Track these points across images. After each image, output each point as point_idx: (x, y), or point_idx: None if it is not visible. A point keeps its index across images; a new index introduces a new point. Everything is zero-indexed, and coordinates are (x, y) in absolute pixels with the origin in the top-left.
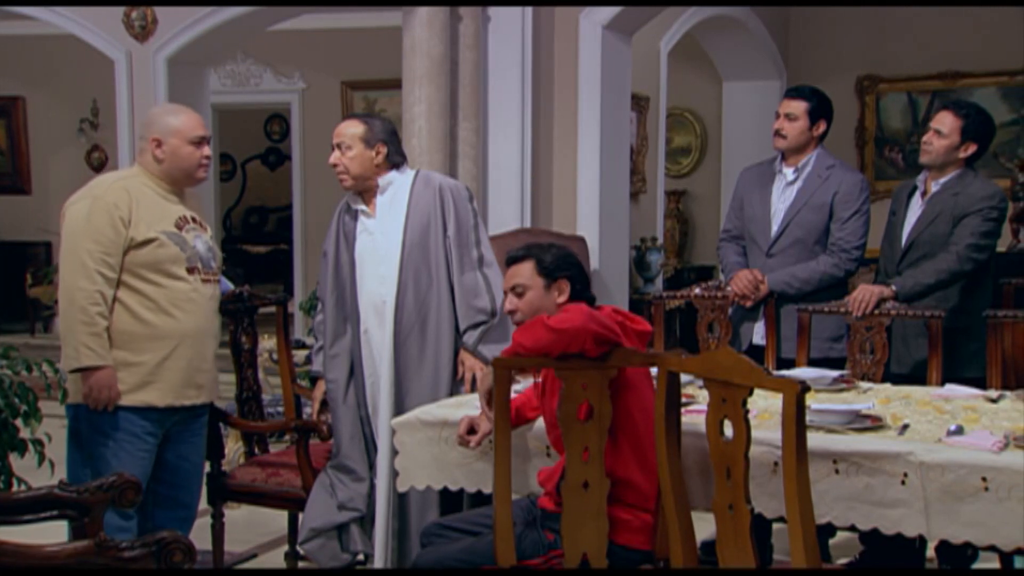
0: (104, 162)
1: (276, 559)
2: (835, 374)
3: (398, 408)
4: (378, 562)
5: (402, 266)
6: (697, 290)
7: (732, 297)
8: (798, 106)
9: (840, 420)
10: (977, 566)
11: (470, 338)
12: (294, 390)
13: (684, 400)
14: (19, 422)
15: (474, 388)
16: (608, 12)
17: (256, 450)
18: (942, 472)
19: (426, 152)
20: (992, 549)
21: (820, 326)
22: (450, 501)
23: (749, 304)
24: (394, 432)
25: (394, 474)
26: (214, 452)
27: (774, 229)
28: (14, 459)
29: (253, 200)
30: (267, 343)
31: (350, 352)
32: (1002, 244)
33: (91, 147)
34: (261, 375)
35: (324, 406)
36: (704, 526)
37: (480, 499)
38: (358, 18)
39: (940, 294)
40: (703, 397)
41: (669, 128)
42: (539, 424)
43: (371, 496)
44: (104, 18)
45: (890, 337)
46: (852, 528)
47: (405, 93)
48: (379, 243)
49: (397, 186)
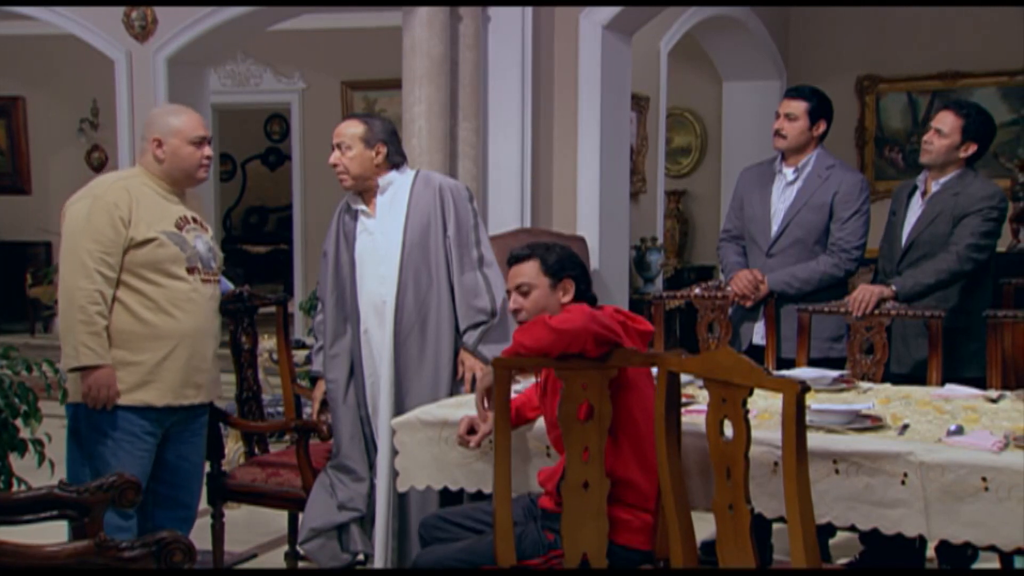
0: (104, 162)
1: (276, 559)
2: (835, 374)
3: (398, 408)
4: (378, 562)
5: (402, 266)
6: (697, 290)
7: (732, 297)
8: (798, 106)
9: (840, 420)
10: (977, 566)
11: (470, 338)
12: (294, 390)
13: (684, 400)
14: (19, 422)
15: (474, 388)
16: (608, 12)
17: (256, 450)
18: (942, 472)
19: (426, 152)
20: (992, 549)
21: (820, 326)
22: (450, 501)
23: (749, 304)
24: (394, 432)
25: (394, 474)
26: (214, 452)
27: (774, 229)
28: (14, 459)
29: (253, 200)
30: (267, 343)
31: (350, 352)
32: (1002, 244)
33: (91, 147)
34: (261, 375)
35: (324, 406)
36: (704, 526)
37: (480, 499)
38: (358, 18)
39: (940, 294)
40: (703, 397)
41: (669, 128)
42: (539, 424)
43: (371, 496)
44: (104, 18)
45: (890, 337)
46: (852, 528)
47: (405, 93)
48: (379, 243)
49: (397, 186)
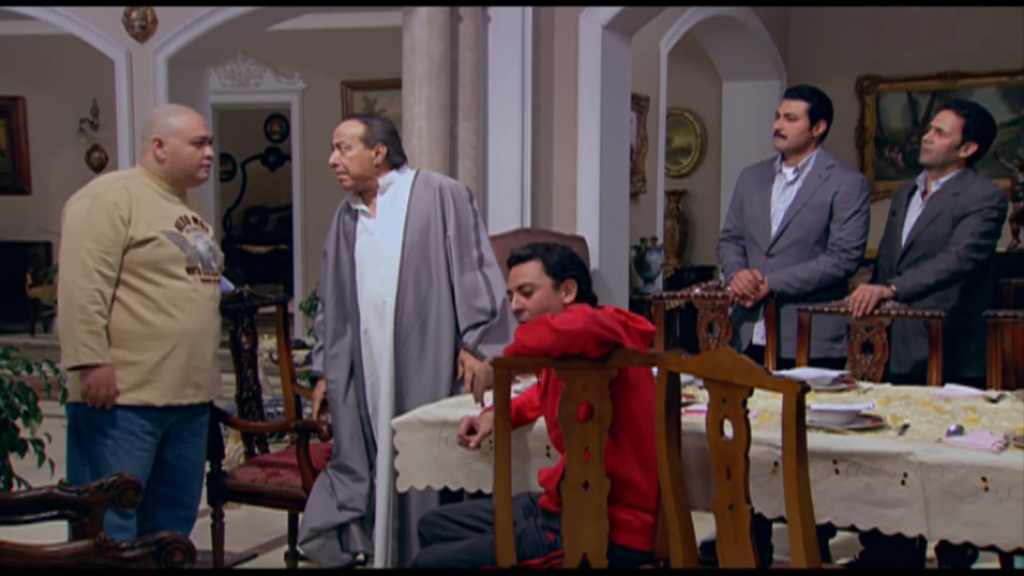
0: (104, 162)
1: (276, 559)
2: (835, 374)
3: (398, 408)
4: (378, 562)
5: (402, 266)
6: (697, 290)
7: (732, 297)
8: (798, 106)
9: (840, 420)
10: (977, 566)
11: (470, 338)
12: (294, 390)
13: (684, 400)
14: (19, 422)
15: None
16: (608, 12)
17: (256, 450)
18: (942, 472)
19: (426, 152)
20: (992, 549)
21: (820, 326)
22: (450, 501)
23: (749, 304)
24: (394, 432)
25: (394, 474)
26: (214, 452)
27: (774, 229)
28: (14, 459)
29: (253, 200)
30: (267, 343)
31: (350, 352)
32: (1002, 244)
33: (91, 147)
34: (261, 375)
35: (324, 406)
36: (704, 526)
37: (480, 499)
38: (358, 18)
39: (940, 294)
40: (703, 397)
41: (669, 128)
42: (539, 424)
43: (371, 496)
44: (104, 18)
45: (890, 337)
46: (852, 528)
47: (405, 93)
48: (379, 243)
49: (397, 186)
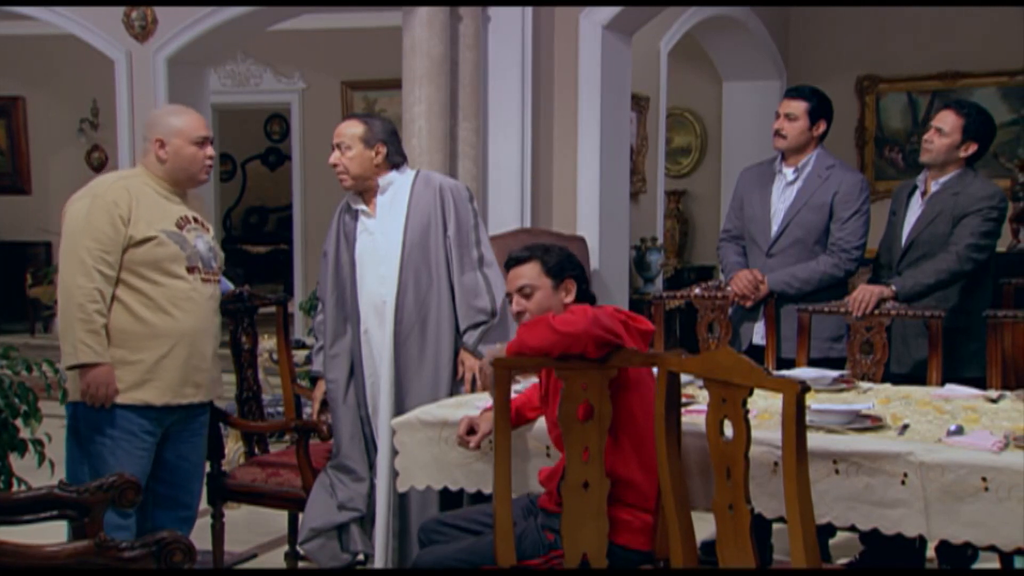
0: (104, 162)
1: (276, 559)
2: (835, 374)
3: (398, 408)
4: (378, 562)
5: (402, 266)
6: (697, 290)
7: (732, 297)
8: (798, 106)
9: (840, 420)
10: (977, 566)
11: (470, 338)
12: (294, 390)
13: (684, 400)
14: (19, 422)
15: (474, 388)
16: (608, 12)
17: (256, 450)
18: (942, 472)
19: (426, 152)
20: (992, 549)
21: (820, 326)
22: (450, 501)
23: (749, 304)
24: (394, 432)
25: (394, 474)
26: (214, 452)
27: (774, 229)
28: (14, 459)
29: (253, 200)
30: (267, 343)
31: (350, 352)
32: (1002, 244)
33: (91, 147)
34: (261, 375)
35: (324, 406)
36: (704, 526)
37: (480, 499)
38: (358, 18)
39: (940, 294)
40: (703, 397)
41: (669, 128)
42: (539, 424)
43: (371, 496)
44: (104, 18)
45: (890, 337)
46: (852, 528)
47: (405, 93)
48: (379, 243)
49: (397, 186)
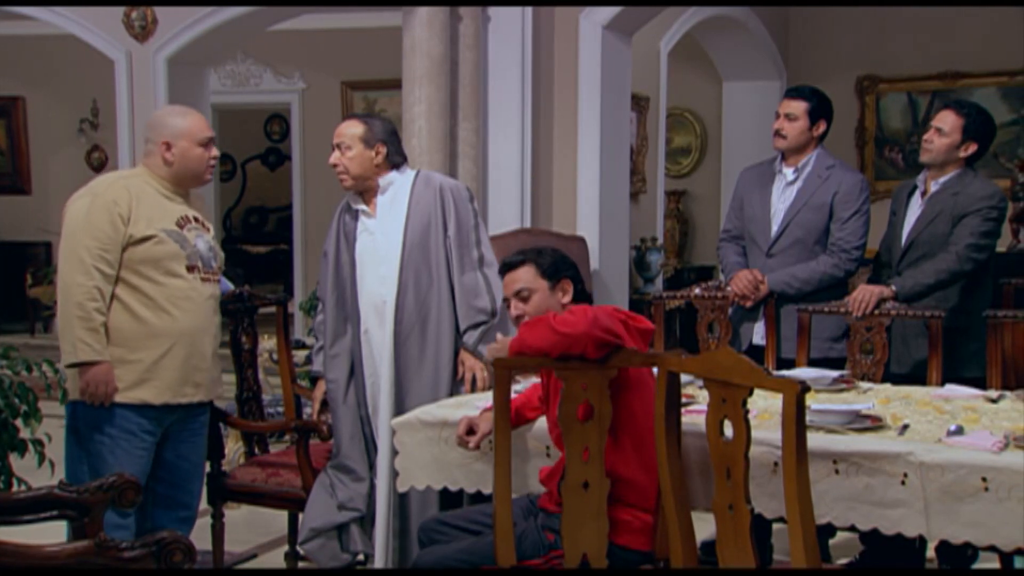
0: (104, 162)
1: (276, 559)
2: (835, 374)
3: (398, 408)
4: (378, 562)
5: (402, 266)
6: (697, 290)
7: (732, 297)
8: (798, 106)
9: (840, 420)
10: (977, 566)
11: (470, 338)
12: (294, 390)
13: (684, 400)
14: (19, 422)
15: (474, 388)
16: (608, 12)
17: (256, 450)
18: (942, 472)
19: (426, 152)
20: (992, 549)
21: (820, 326)
22: (450, 501)
23: (749, 304)
24: (394, 432)
25: (394, 474)
26: (214, 452)
27: (774, 229)
28: (14, 459)
29: (253, 200)
30: (267, 343)
31: (350, 352)
32: (1002, 244)
33: (91, 147)
34: (261, 375)
35: (324, 406)
36: (704, 526)
37: (480, 499)
38: (358, 18)
39: (940, 294)
40: (703, 397)
41: (669, 128)
42: (539, 424)
43: (371, 496)
44: (104, 18)
45: (890, 337)
46: (852, 528)
47: (405, 93)
48: (379, 243)
49: (397, 186)
